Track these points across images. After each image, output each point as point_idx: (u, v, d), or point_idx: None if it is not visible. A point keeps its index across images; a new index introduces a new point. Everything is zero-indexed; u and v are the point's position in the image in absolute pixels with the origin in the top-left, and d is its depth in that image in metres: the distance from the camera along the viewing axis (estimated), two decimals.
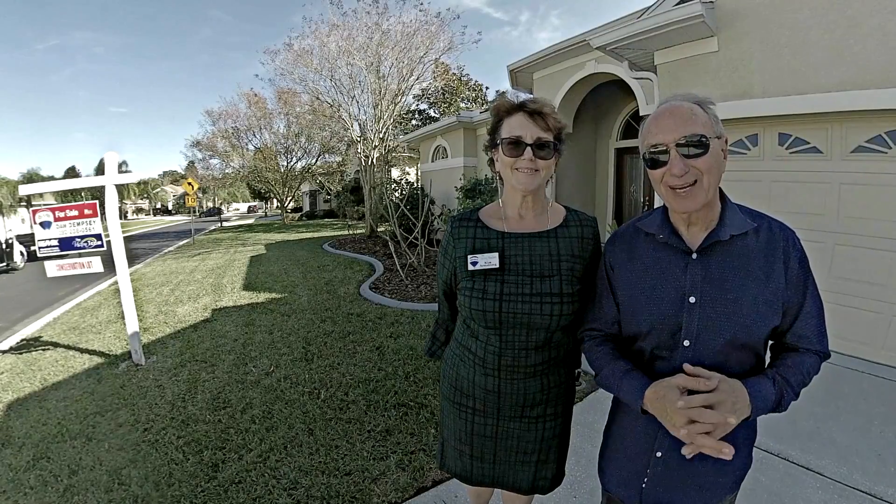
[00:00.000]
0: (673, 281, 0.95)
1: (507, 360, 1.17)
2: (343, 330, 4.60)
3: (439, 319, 1.45)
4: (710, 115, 0.89)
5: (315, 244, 12.42)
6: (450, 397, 1.31)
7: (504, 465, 1.28)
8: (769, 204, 3.56)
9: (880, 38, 3.04)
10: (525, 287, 1.13)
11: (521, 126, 1.12)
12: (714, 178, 0.88)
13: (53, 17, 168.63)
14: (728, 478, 0.98)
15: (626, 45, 4.34)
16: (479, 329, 1.19)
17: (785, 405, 0.90)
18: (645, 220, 1.04)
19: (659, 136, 0.89)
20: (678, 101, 0.91)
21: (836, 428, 2.48)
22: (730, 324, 0.90)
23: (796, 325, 0.94)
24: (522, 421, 1.23)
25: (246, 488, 2.19)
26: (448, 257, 1.25)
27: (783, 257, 0.91)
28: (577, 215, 1.25)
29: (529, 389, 1.19)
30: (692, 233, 0.96)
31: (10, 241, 11.46)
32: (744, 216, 0.94)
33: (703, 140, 0.86)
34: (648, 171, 0.94)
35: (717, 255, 0.93)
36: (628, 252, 1.04)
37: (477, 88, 24.82)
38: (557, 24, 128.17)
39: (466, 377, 1.25)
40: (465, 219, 1.25)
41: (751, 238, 0.93)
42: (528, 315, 1.12)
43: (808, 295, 0.93)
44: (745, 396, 0.85)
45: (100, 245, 3.85)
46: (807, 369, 0.93)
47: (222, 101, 34.25)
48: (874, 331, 3.27)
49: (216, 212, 37.16)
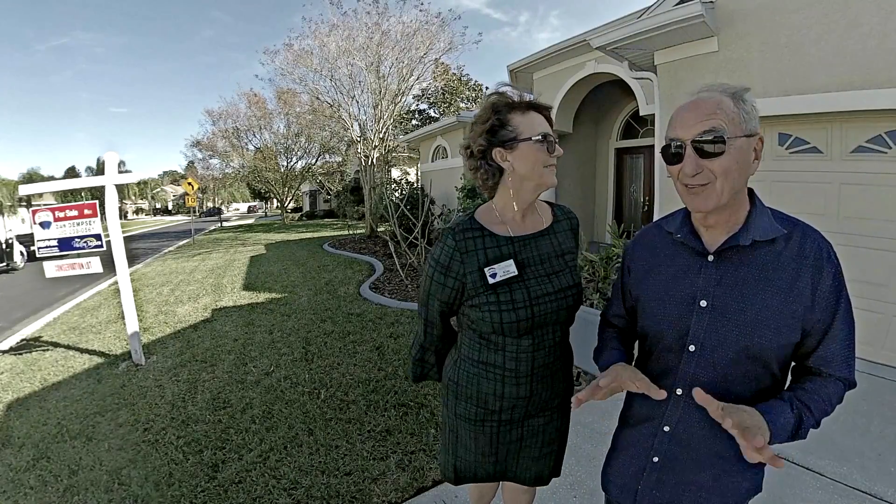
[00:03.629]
0: (686, 282, 0.91)
1: (540, 361, 1.16)
2: (343, 330, 4.60)
3: (425, 343, 1.29)
4: (742, 110, 0.81)
5: (315, 244, 12.42)
6: (471, 417, 1.21)
7: (526, 460, 1.28)
8: (769, 204, 3.53)
9: (880, 38, 3.04)
10: (546, 286, 1.14)
11: (543, 123, 1.12)
12: (731, 182, 0.81)
13: (55, 17, 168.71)
14: (731, 497, 0.93)
15: (626, 45, 4.34)
16: (508, 340, 1.13)
17: (803, 433, 0.83)
18: (668, 218, 1.01)
19: (678, 130, 0.84)
20: (708, 92, 0.83)
21: (836, 428, 2.48)
22: (739, 333, 0.84)
23: (822, 348, 0.86)
24: (545, 416, 1.24)
25: (246, 488, 2.19)
26: (452, 275, 1.13)
27: (813, 271, 0.83)
28: (560, 209, 1.28)
29: (555, 383, 1.21)
30: (711, 235, 0.90)
31: (10, 241, 11.47)
32: (774, 221, 0.87)
33: (722, 139, 0.79)
34: (666, 165, 0.89)
35: (735, 259, 0.87)
36: (649, 251, 1.02)
37: (477, 88, 24.81)
38: (557, 25, 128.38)
39: (492, 392, 1.17)
40: (468, 229, 1.15)
41: (779, 245, 0.85)
42: (555, 313, 1.14)
43: (839, 316, 0.84)
44: (759, 422, 0.77)
45: (99, 245, 3.85)
46: (828, 397, 0.85)
47: (222, 101, 34.31)
48: (874, 331, 3.27)
49: (216, 212, 37.18)
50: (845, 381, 0.88)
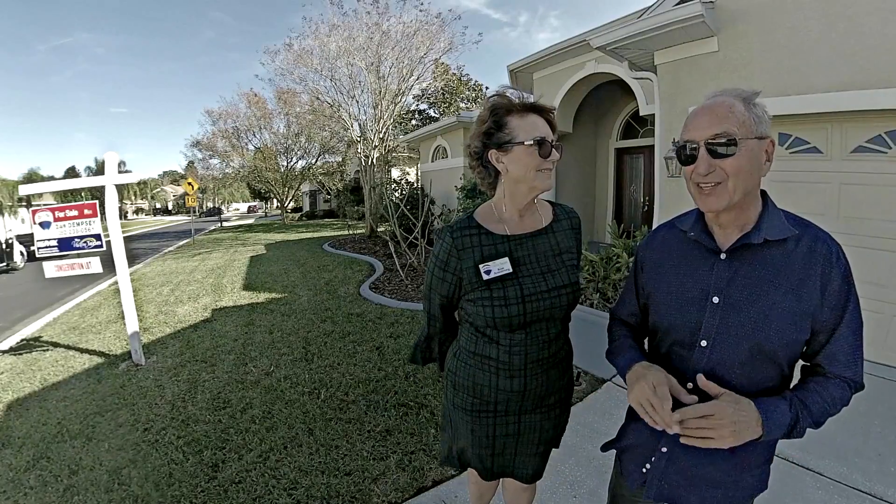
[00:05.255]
0: (699, 279, 0.94)
1: (533, 356, 1.18)
2: (343, 330, 4.60)
3: (430, 334, 1.37)
4: (753, 113, 0.85)
5: (315, 244, 12.41)
6: (467, 408, 1.26)
7: (523, 457, 1.30)
8: None
9: (880, 38, 3.04)
10: (541, 285, 1.16)
11: (542, 126, 1.13)
12: (743, 182, 0.84)
13: (56, 18, 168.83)
14: (737, 492, 0.95)
15: (626, 45, 4.34)
16: (502, 334, 1.17)
17: (799, 431, 0.85)
18: (682, 217, 1.04)
19: (692, 132, 0.88)
20: (721, 96, 0.87)
21: (836, 428, 2.47)
22: (750, 329, 0.87)
23: (828, 348, 0.89)
24: (542, 412, 1.26)
25: (246, 488, 2.19)
26: (450, 270, 1.19)
27: (822, 271, 0.86)
28: (562, 209, 1.30)
29: (550, 379, 1.23)
30: (724, 233, 0.93)
31: (10, 241, 11.46)
32: (786, 222, 0.90)
33: (734, 141, 0.82)
34: (682, 166, 0.92)
35: (747, 258, 0.90)
36: (662, 250, 1.05)
37: (477, 88, 24.81)
38: (556, 25, 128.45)
39: (487, 384, 1.22)
40: (465, 227, 1.20)
41: (790, 245, 0.88)
42: (549, 310, 1.16)
43: (846, 317, 0.87)
44: (752, 416, 0.81)
45: (99, 245, 3.85)
46: (831, 397, 0.87)
47: (222, 101, 34.21)
48: (874, 331, 3.26)
49: (216, 212, 37.15)
50: (851, 383, 0.89)
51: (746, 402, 0.83)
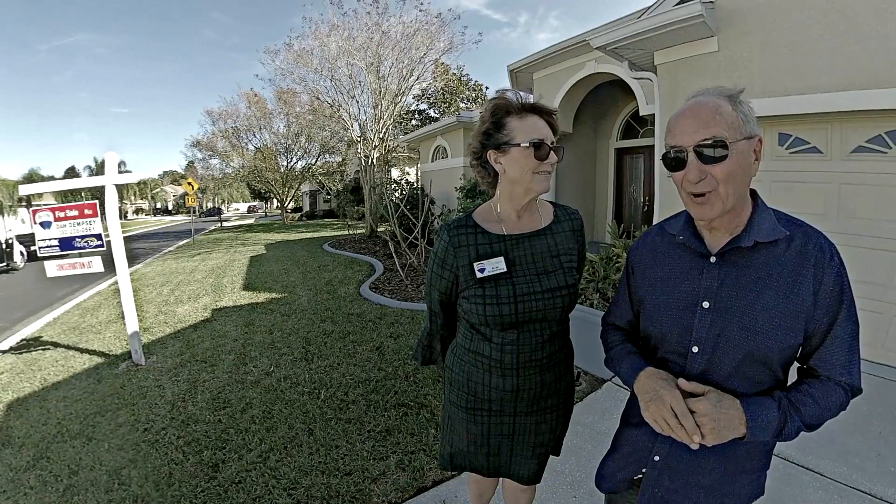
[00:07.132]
0: (689, 284, 0.92)
1: (525, 356, 1.18)
2: (343, 330, 4.60)
3: (432, 330, 1.38)
4: (740, 112, 0.81)
5: (315, 244, 12.41)
6: (462, 404, 1.27)
7: (520, 458, 1.30)
8: (769, 204, 3.55)
9: (880, 38, 3.04)
10: (535, 285, 1.15)
11: (541, 128, 1.12)
12: (734, 186, 0.82)
13: (56, 18, 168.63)
14: (732, 499, 0.94)
15: (625, 46, 4.34)
16: (494, 332, 1.18)
17: (789, 434, 0.82)
18: (671, 220, 1.02)
19: (679, 136, 0.84)
20: (705, 96, 0.84)
21: (836, 428, 2.47)
22: (742, 335, 0.84)
23: (822, 350, 0.86)
24: (538, 414, 1.25)
25: (246, 488, 2.19)
26: (448, 267, 1.20)
27: (814, 272, 0.83)
28: (564, 210, 1.29)
29: (545, 381, 1.22)
30: (714, 237, 0.91)
31: (10, 241, 11.46)
32: (777, 223, 0.87)
33: (724, 144, 0.79)
34: (668, 172, 0.90)
35: (738, 261, 0.87)
36: (651, 254, 1.03)
37: (477, 89, 24.82)
38: (556, 26, 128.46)
39: (481, 381, 1.22)
40: (462, 226, 1.21)
41: (781, 247, 0.85)
42: (542, 311, 1.15)
43: (841, 318, 0.84)
44: (736, 415, 0.79)
45: (100, 245, 3.85)
46: (824, 399, 0.84)
47: (222, 101, 34.20)
48: (874, 331, 3.27)
49: (216, 212, 37.13)
50: (847, 387, 0.86)
51: (730, 401, 0.81)
